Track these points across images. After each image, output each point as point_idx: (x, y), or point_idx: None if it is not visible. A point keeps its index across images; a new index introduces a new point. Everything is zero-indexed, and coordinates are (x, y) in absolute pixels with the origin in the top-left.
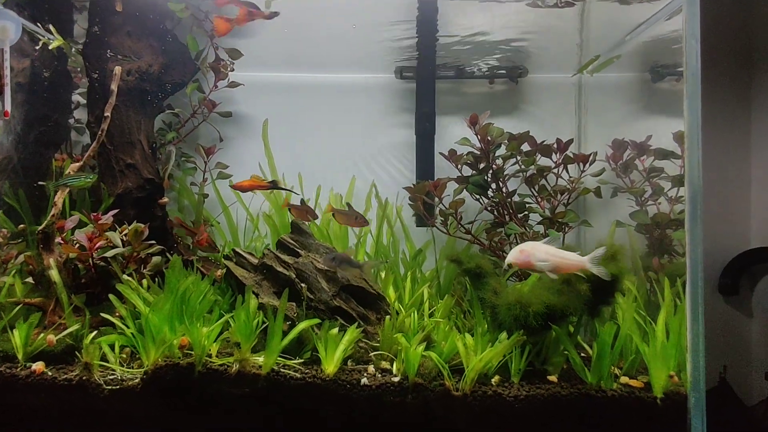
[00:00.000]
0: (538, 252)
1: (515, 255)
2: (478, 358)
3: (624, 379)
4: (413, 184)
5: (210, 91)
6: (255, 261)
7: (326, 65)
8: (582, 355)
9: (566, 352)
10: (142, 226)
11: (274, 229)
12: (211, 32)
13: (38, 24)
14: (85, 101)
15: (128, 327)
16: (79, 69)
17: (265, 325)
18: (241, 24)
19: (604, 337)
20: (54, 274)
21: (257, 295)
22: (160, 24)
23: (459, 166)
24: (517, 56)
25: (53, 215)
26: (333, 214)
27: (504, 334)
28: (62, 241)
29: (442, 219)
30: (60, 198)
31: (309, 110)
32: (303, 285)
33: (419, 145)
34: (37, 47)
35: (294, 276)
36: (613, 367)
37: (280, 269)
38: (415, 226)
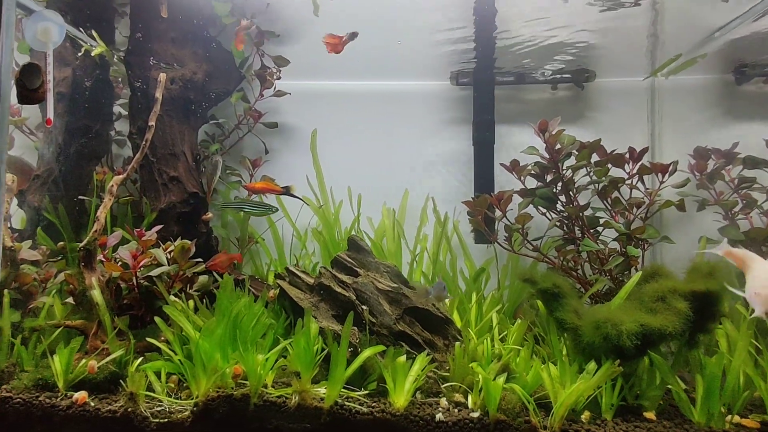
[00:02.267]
0: None
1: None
2: (567, 391)
3: (735, 419)
4: (473, 198)
5: (255, 100)
6: (310, 281)
7: (377, 72)
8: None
9: (667, 386)
10: (189, 242)
11: (324, 245)
12: (256, 39)
13: (80, 29)
14: (126, 112)
15: (175, 353)
16: (120, 78)
17: (324, 352)
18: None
19: (713, 369)
20: (96, 294)
21: (314, 318)
22: (204, 30)
23: (522, 178)
24: (583, 59)
25: (96, 231)
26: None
27: (592, 364)
28: (105, 259)
29: (506, 235)
30: (103, 213)
31: (359, 120)
32: (364, 307)
33: (477, 155)
34: (79, 54)
35: (354, 297)
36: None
37: (339, 290)
38: (474, 243)
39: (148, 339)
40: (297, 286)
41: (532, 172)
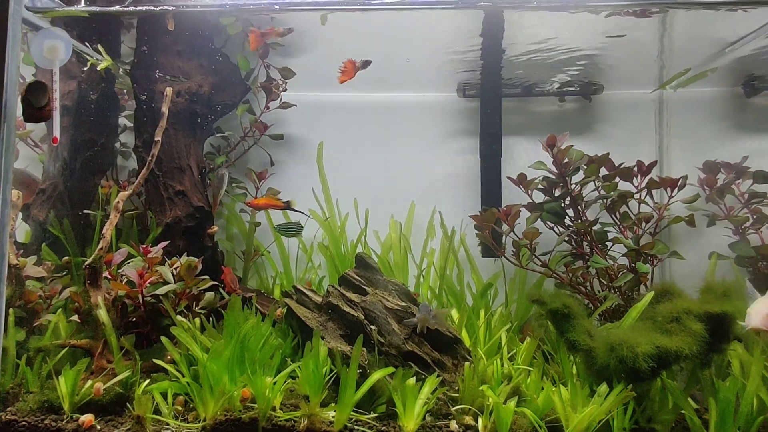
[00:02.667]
0: None
1: (760, 321)
2: (580, 415)
3: None
4: (480, 211)
5: (261, 112)
6: (318, 299)
7: (383, 84)
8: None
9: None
10: (196, 260)
11: (330, 260)
12: (261, 51)
13: (86, 44)
14: (130, 124)
15: (182, 374)
16: (125, 90)
17: (333, 374)
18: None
19: (727, 394)
20: (103, 314)
21: (322, 339)
22: (210, 42)
23: (529, 192)
24: (591, 72)
25: (101, 249)
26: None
27: (603, 387)
28: (110, 277)
29: (513, 250)
30: (109, 230)
31: (365, 132)
32: (373, 327)
33: (484, 168)
34: (85, 69)
35: (363, 317)
36: None
37: (348, 309)
38: (481, 257)
39: (154, 360)
40: (304, 304)
41: (540, 186)
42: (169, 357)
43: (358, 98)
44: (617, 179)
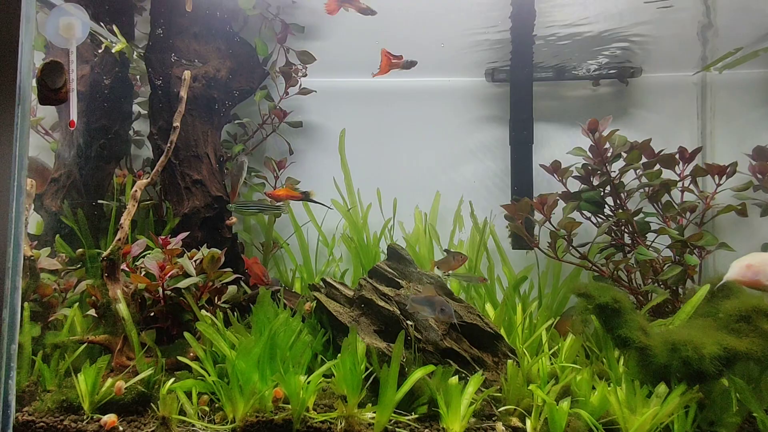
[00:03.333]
0: (767, 267)
1: (740, 271)
2: (641, 418)
3: None
4: (512, 200)
5: (280, 98)
6: (349, 293)
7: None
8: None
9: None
10: (219, 252)
11: (354, 252)
12: (280, 34)
13: (100, 24)
14: (144, 111)
15: (207, 372)
16: (138, 76)
17: (369, 373)
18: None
19: None
20: (122, 308)
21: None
22: (227, 25)
23: (564, 180)
24: (628, 53)
25: (119, 240)
26: (437, 267)
27: (662, 387)
28: (129, 269)
29: (549, 241)
30: (127, 220)
31: (389, 119)
32: (410, 323)
33: (515, 155)
34: (99, 51)
35: (398, 312)
36: None
37: (382, 304)
38: (511, 248)
39: (178, 357)
40: (335, 298)
41: (578, 174)
42: (192, 354)
43: (381, 84)
44: (658, 166)
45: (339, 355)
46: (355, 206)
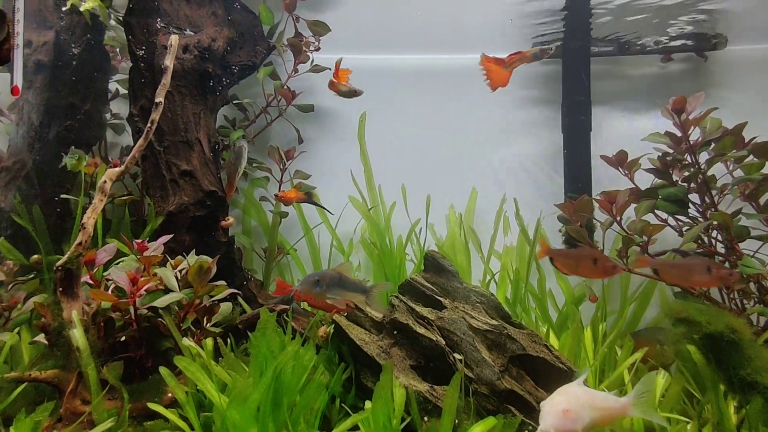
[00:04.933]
0: (583, 410)
1: (558, 420)
2: None
3: None
4: (569, 199)
5: (288, 76)
6: (378, 315)
7: (439, 44)
8: None
9: None
10: (209, 260)
11: (377, 260)
12: (289, 1)
13: None
14: (124, 90)
15: (189, 423)
16: (118, 49)
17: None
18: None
19: None
20: (77, 335)
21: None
22: None
23: (631, 175)
24: (709, 21)
25: (80, 244)
26: (551, 259)
27: None
28: (92, 282)
29: (618, 249)
30: (91, 219)
31: (416, 103)
32: (457, 356)
33: (569, 145)
34: (64, 10)
35: (443, 342)
36: None
37: (421, 331)
38: None
39: (148, 404)
40: (358, 322)
41: (654, 166)
42: (169, 395)
43: (409, 62)
44: (752, 157)
45: (366, 402)
46: (376, 205)
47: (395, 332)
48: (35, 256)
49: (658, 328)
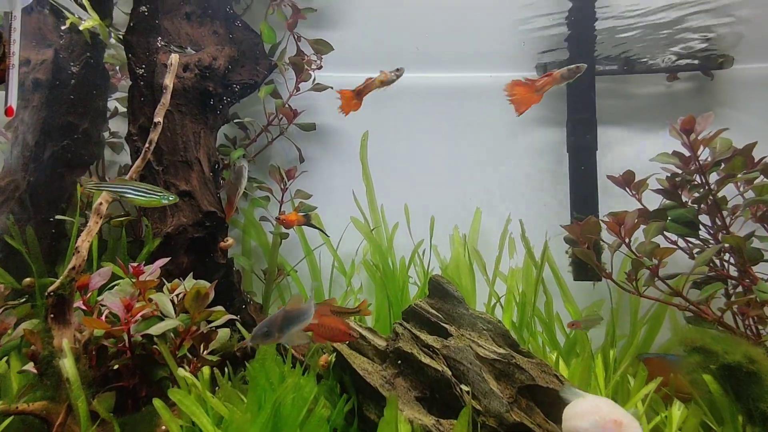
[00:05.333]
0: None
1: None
2: None
3: None
4: (574, 220)
5: (290, 95)
6: (381, 343)
7: (443, 63)
8: None
9: None
10: (207, 285)
11: (380, 283)
12: (291, 19)
13: None
14: (124, 108)
15: None
16: (117, 67)
17: None
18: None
19: None
20: (68, 365)
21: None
22: (227, 5)
23: (638, 195)
24: (716, 40)
25: (73, 269)
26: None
27: None
28: (86, 308)
29: (627, 272)
30: (85, 242)
31: (420, 121)
32: (464, 387)
33: (574, 164)
34: (63, 28)
35: (449, 372)
36: None
37: (426, 360)
38: (573, 280)
39: None
40: (361, 350)
41: (663, 187)
42: (163, 428)
43: (411, 80)
44: (762, 177)
45: None
46: (378, 226)
47: (399, 362)
48: (27, 279)
49: (668, 355)
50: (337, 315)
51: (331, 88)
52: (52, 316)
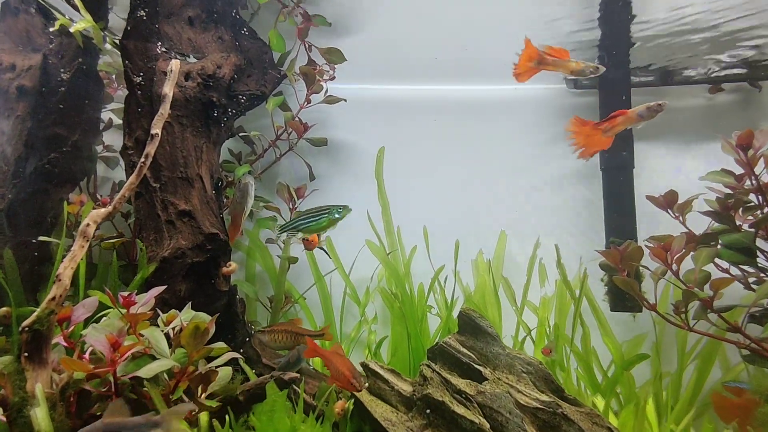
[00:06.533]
0: None
1: None
2: None
3: None
4: (612, 245)
5: (300, 107)
6: (406, 388)
7: (464, 74)
8: None
9: None
10: (207, 319)
11: (398, 314)
12: (301, 26)
13: None
14: (119, 121)
15: None
16: (113, 75)
17: None
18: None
19: None
20: (40, 415)
21: None
22: (233, 10)
23: (682, 218)
24: (765, 49)
25: (52, 300)
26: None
27: None
28: (67, 345)
29: (676, 303)
30: (68, 269)
31: (439, 138)
32: None
33: (609, 184)
34: (52, 30)
35: (486, 424)
36: None
37: (461, 411)
38: (609, 310)
39: None
40: (384, 396)
41: (713, 209)
42: None
43: (431, 93)
44: None
45: None
46: (395, 249)
47: (428, 410)
48: (4, 308)
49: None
50: (297, 337)
51: (344, 100)
52: (26, 354)
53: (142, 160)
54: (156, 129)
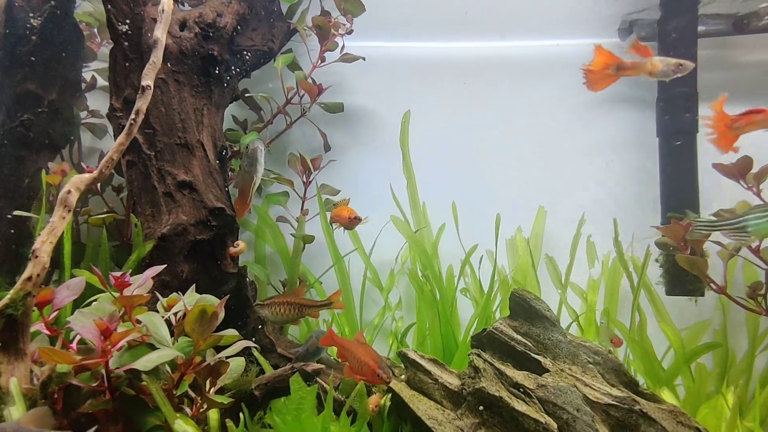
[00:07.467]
0: None
1: None
2: None
3: None
4: (670, 219)
5: (313, 66)
6: (452, 381)
7: (499, 28)
8: None
9: None
10: (215, 303)
11: (429, 299)
12: None
13: None
14: (105, 83)
15: None
16: (96, 29)
17: None
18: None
19: None
20: (15, 414)
21: None
22: None
23: (758, 189)
24: None
25: (28, 279)
26: None
27: None
28: (50, 333)
29: (752, 284)
30: (47, 243)
31: (470, 101)
32: None
33: (667, 152)
34: None
35: (554, 424)
36: None
37: (522, 408)
38: (666, 294)
39: None
40: (426, 391)
41: None
42: None
43: (459, 51)
44: None
45: None
46: (423, 227)
47: (481, 408)
48: None
49: None
50: (302, 309)
51: (363, 59)
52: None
53: (132, 116)
54: (147, 80)
